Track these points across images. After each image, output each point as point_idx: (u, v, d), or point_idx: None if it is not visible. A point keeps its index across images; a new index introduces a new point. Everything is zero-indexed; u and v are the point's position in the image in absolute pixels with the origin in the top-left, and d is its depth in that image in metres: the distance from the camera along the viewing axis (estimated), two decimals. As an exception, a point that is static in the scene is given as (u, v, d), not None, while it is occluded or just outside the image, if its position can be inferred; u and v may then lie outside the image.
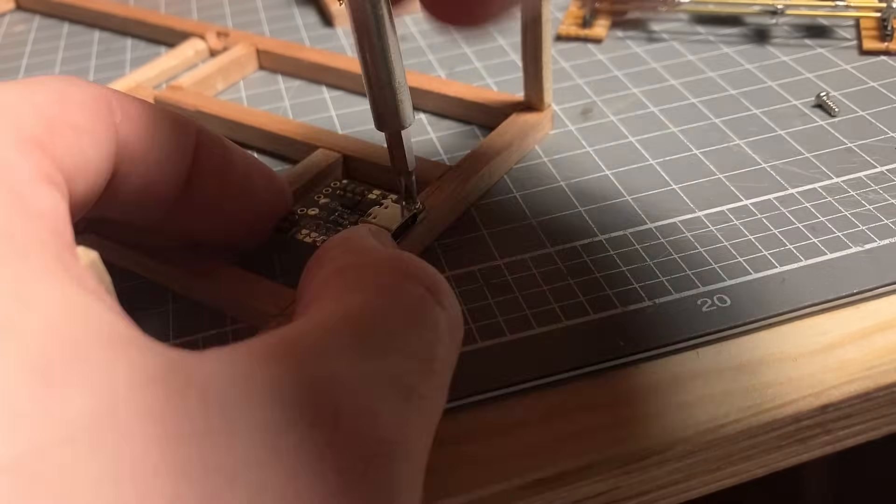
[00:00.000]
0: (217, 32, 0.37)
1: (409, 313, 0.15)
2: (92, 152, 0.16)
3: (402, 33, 0.38)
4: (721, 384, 0.20)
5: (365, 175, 0.28)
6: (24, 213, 0.13)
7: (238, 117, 0.31)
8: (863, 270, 0.22)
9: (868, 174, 0.26)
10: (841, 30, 0.34)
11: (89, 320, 0.12)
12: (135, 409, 0.11)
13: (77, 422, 0.10)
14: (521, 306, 0.23)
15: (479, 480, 0.19)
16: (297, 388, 0.12)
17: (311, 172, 0.27)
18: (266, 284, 0.23)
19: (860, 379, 0.20)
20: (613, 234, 0.25)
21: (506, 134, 0.28)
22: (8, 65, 0.40)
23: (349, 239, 0.18)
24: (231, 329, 0.23)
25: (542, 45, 0.27)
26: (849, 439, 0.22)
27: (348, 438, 0.12)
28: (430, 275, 0.17)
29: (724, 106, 0.30)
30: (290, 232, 0.24)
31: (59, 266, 0.13)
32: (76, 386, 0.11)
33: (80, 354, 0.11)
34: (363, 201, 0.25)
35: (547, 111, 0.29)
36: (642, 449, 0.19)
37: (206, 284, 0.23)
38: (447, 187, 0.26)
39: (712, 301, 0.22)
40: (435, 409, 0.15)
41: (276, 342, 0.13)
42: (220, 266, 0.24)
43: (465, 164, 0.27)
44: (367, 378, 0.13)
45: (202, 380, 0.12)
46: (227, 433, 0.11)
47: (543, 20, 0.27)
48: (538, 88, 0.29)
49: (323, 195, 0.25)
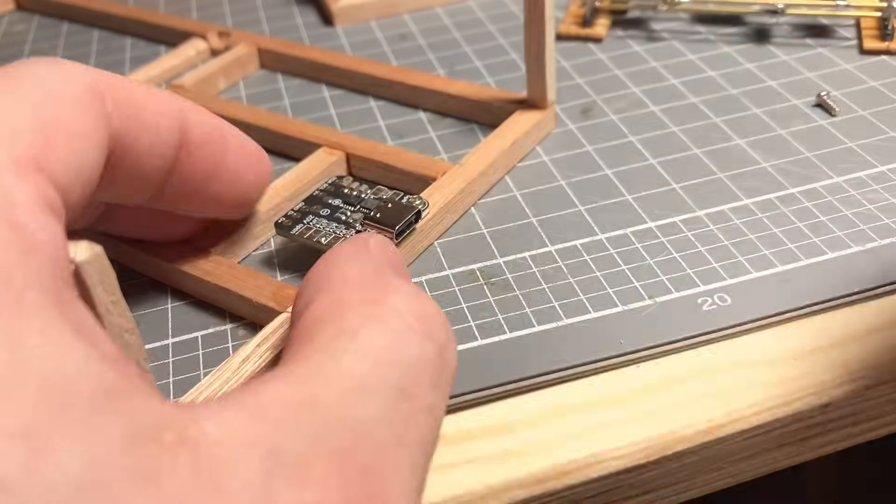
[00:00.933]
0: (219, 32, 0.37)
1: (402, 379, 0.15)
2: (87, 157, 0.16)
3: (401, 32, 0.38)
4: (721, 383, 0.20)
5: (367, 173, 0.28)
6: (22, 247, 0.13)
7: (240, 116, 0.31)
8: (863, 270, 0.22)
9: (868, 173, 0.26)
10: (841, 29, 0.34)
11: (83, 376, 0.12)
12: (126, 472, 0.11)
13: (67, 488, 0.10)
14: (522, 304, 0.22)
15: (478, 479, 0.19)
16: (289, 451, 0.12)
17: (313, 170, 0.27)
18: (268, 281, 0.23)
19: (861, 378, 0.20)
20: (614, 233, 0.25)
21: (509, 132, 0.28)
22: (10, 57, 0.40)
23: (331, 278, 0.17)
24: (230, 327, 0.23)
25: (544, 42, 0.27)
26: (849, 438, 0.22)
27: (343, 499, 0.12)
28: (430, 317, 0.16)
29: (724, 105, 0.30)
30: (293, 229, 0.24)
31: (55, 313, 0.12)
32: (66, 449, 0.11)
33: (71, 414, 0.11)
34: (366, 198, 0.25)
35: (550, 109, 0.29)
36: (642, 448, 0.19)
37: (208, 282, 0.23)
38: (449, 186, 0.26)
39: (713, 300, 0.22)
40: (427, 461, 0.15)
41: (269, 401, 0.13)
42: (222, 263, 0.24)
43: (469, 162, 0.27)
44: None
45: (194, 438, 0.12)
46: (216, 495, 0.11)
47: (546, 18, 0.27)
48: (541, 86, 0.29)
49: (325, 192, 0.25)
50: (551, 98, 0.29)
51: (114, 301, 0.15)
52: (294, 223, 0.24)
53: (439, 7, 0.40)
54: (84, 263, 0.15)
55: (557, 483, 0.19)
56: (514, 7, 0.39)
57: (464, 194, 0.26)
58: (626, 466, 0.19)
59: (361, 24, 0.40)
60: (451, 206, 0.25)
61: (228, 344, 0.22)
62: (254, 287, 0.23)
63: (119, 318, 0.16)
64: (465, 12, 0.39)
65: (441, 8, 0.40)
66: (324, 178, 0.27)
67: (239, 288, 0.23)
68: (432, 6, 0.40)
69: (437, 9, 0.40)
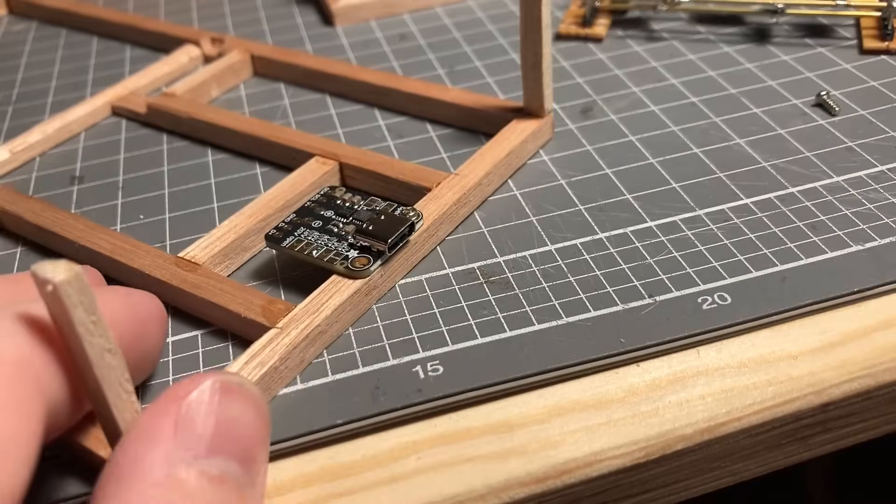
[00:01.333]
0: (212, 38, 0.37)
1: None
2: (20, 463, 0.15)
3: (401, 32, 0.38)
4: (721, 382, 0.20)
5: (360, 183, 0.28)
6: None
7: (232, 125, 0.30)
8: (863, 269, 0.22)
9: (868, 173, 0.26)
10: (841, 29, 0.34)
11: None
12: None
13: None
14: (521, 303, 0.22)
15: (478, 478, 0.19)
16: None
17: (306, 181, 0.27)
18: (257, 295, 0.22)
19: (861, 377, 0.20)
20: (614, 232, 0.25)
21: (505, 142, 0.28)
22: (6, 64, 0.40)
23: None
24: (227, 325, 0.23)
25: (541, 53, 0.27)
26: (849, 438, 0.22)
27: None
28: None
29: (724, 105, 0.30)
30: (284, 241, 0.24)
31: None
32: None
33: None
34: (359, 209, 0.25)
35: (547, 118, 0.29)
36: (642, 447, 0.19)
37: (196, 296, 0.23)
38: (446, 195, 0.25)
39: (713, 299, 0.22)
40: None
41: None
42: (211, 277, 0.23)
43: (464, 172, 0.26)
44: None
45: None
46: None
47: (543, 27, 0.26)
48: (538, 95, 0.28)
49: (318, 203, 0.25)
50: (548, 107, 0.29)
51: (94, 321, 0.15)
52: (285, 235, 0.24)
53: (439, 7, 0.40)
54: (63, 284, 0.14)
55: (557, 482, 0.19)
56: (513, 7, 0.39)
57: (459, 205, 0.25)
58: (626, 465, 0.19)
59: (361, 23, 0.40)
60: (446, 216, 0.25)
61: (228, 343, 0.22)
62: (243, 301, 0.22)
63: (100, 338, 0.15)
64: (465, 12, 0.39)
65: (441, 8, 0.40)
66: (316, 188, 0.27)
67: (228, 302, 0.22)
68: (432, 6, 0.40)
69: (437, 9, 0.40)
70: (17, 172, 0.31)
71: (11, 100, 0.37)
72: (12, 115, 0.35)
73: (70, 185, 0.30)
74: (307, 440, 0.20)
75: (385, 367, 0.21)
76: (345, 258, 0.23)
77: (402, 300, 0.23)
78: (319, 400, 0.20)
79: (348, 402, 0.20)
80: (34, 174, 0.31)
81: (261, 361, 0.20)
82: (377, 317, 0.23)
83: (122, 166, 0.31)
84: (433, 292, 0.23)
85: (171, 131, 0.32)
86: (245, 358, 0.20)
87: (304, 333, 0.21)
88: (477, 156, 0.27)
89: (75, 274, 0.15)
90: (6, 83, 0.38)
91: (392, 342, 0.22)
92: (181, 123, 0.32)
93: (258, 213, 0.26)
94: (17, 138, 0.32)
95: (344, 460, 0.20)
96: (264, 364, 0.20)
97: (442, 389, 0.20)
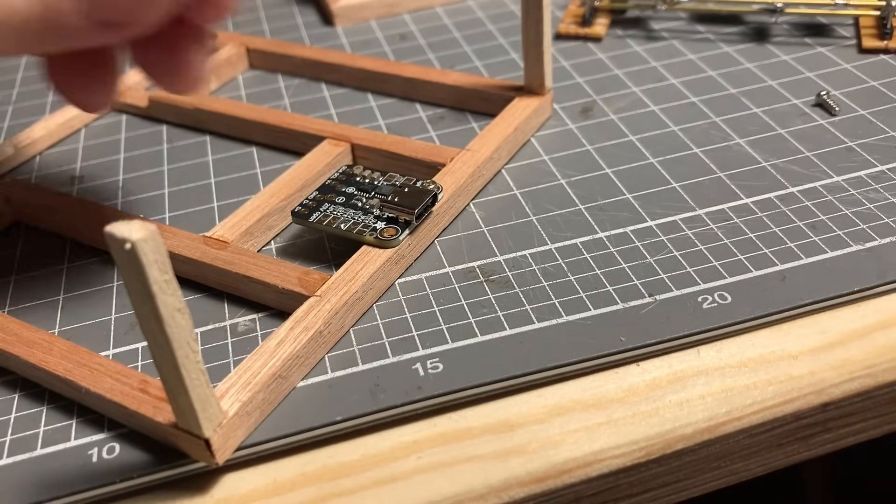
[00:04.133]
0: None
1: None
2: None
3: (401, 32, 0.38)
4: (721, 382, 0.20)
5: (373, 163, 0.28)
6: None
7: (239, 113, 0.31)
8: (863, 269, 0.22)
9: (868, 173, 0.26)
10: (840, 28, 0.34)
11: None
12: None
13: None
14: (522, 302, 0.22)
15: (478, 477, 0.19)
16: None
17: (320, 162, 0.27)
18: (291, 267, 0.23)
19: (861, 377, 0.20)
20: (614, 232, 0.25)
21: (511, 118, 0.29)
22: (6, 63, 0.40)
23: None
24: (229, 323, 0.23)
25: (542, 29, 0.28)
26: (849, 438, 0.22)
27: None
28: None
29: (724, 105, 0.30)
30: (310, 217, 0.24)
31: None
32: None
33: None
34: (379, 185, 0.25)
35: (547, 96, 0.30)
36: (642, 447, 0.19)
37: (230, 272, 0.23)
38: (461, 169, 0.26)
39: (713, 298, 0.22)
40: None
41: None
42: (243, 253, 0.24)
43: (475, 147, 0.27)
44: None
45: None
46: None
47: (544, 4, 0.27)
48: (539, 72, 0.29)
49: (338, 181, 0.26)
50: (548, 84, 0.30)
51: (167, 280, 0.16)
52: (311, 211, 0.25)
53: (439, 7, 0.40)
54: (140, 242, 0.15)
55: (557, 482, 0.19)
56: (513, 7, 0.39)
57: (473, 178, 0.26)
58: (626, 465, 0.19)
59: (361, 23, 0.40)
60: (462, 189, 0.26)
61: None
62: (279, 273, 0.23)
63: (171, 297, 0.16)
64: (465, 12, 0.39)
65: (441, 7, 0.40)
66: (331, 169, 0.27)
67: (263, 276, 0.23)
68: (432, 6, 0.40)
69: (436, 8, 0.40)
70: (16, 172, 0.31)
71: (11, 99, 0.37)
72: (12, 115, 0.35)
73: (71, 184, 0.30)
74: (307, 437, 0.20)
75: (385, 365, 0.21)
76: (373, 229, 0.24)
77: (401, 298, 0.23)
78: (319, 397, 0.20)
79: (348, 399, 0.20)
80: (34, 174, 0.31)
81: (306, 327, 0.21)
82: (377, 315, 0.23)
83: (122, 166, 0.31)
84: (433, 291, 0.23)
85: (175, 123, 0.33)
86: (289, 324, 0.21)
87: (344, 300, 0.22)
88: (485, 132, 0.28)
89: (151, 233, 0.15)
90: (6, 83, 0.38)
91: (392, 340, 0.22)
92: (185, 115, 0.32)
93: (280, 192, 0.26)
94: (20, 133, 0.32)
95: (344, 460, 0.20)
96: (309, 329, 0.21)
97: (442, 387, 0.20)
